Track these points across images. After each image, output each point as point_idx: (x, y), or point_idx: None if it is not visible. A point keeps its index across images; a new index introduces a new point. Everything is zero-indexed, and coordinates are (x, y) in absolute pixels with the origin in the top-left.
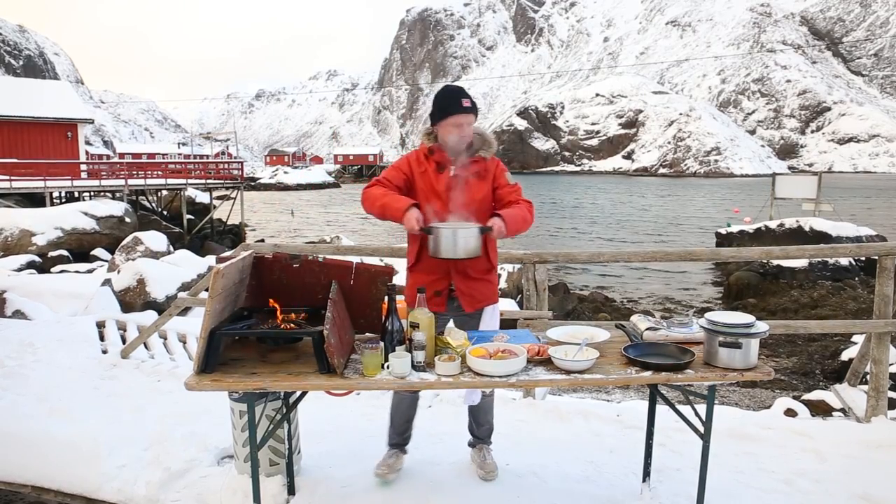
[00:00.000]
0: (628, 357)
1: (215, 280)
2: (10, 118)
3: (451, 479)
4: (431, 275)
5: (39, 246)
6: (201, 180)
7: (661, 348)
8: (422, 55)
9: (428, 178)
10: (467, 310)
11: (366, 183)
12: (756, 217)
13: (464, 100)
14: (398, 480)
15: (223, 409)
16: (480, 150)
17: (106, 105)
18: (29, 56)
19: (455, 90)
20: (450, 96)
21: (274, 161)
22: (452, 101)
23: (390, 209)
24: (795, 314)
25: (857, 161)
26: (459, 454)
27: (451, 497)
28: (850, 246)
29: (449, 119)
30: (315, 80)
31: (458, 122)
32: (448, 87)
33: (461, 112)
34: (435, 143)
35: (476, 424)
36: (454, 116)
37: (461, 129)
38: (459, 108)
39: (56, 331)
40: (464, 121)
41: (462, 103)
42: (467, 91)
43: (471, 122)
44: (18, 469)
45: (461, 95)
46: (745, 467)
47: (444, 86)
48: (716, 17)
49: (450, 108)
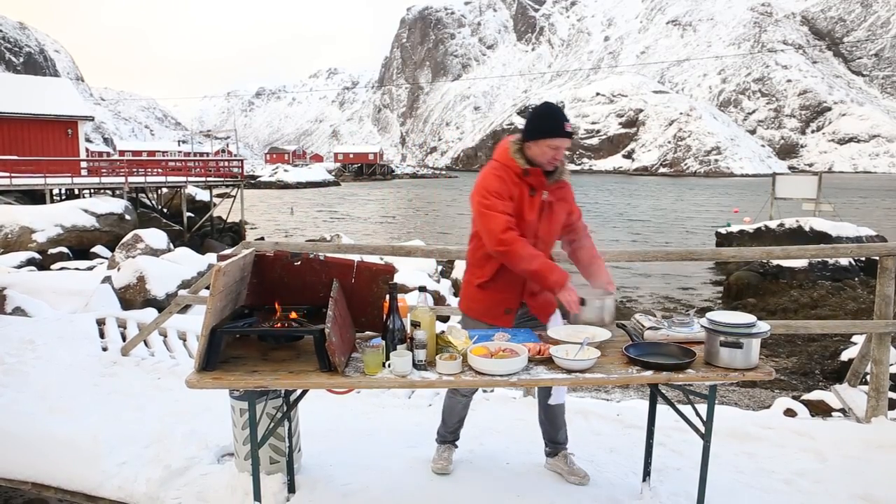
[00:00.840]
0: (629, 357)
1: (217, 278)
2: (11, 115)
3: (449, 477)
4: (505, 293)
5: (39, 243)
6: (201, 178)
7: (663, 348)
8: (422, 54)
9: (521, 200)
10: (544, 321)
11: (366, 181)
12: (756, 217)
13: (566, 124)
14: (398, 478)
15: (223, 407)
16: (564, 174)
17: (106, 102)
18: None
19: (559, 111)
20: (553, 117)
21: (274, 159)
22: (556, 124)
23: (546, 280)
24: (795, 314)
25: (858, 161)
26: (459, 453)
27: (451, 495)
28: (852, 246)
29: (548, 140)
30: (315, 79)
31: (556, 146)
32: (551, 105)
33: (562, 136)
34: (528, 163)
35: (554, 430)
36: (554, 139)
37: (556, 153)
38: (563, 133)
39: (56, 328)
40: (561, 145)
41: (566, 127)
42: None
43: (566, 148)
44: (18, 466)
45: (564, 119)
46: (745, 467)
47: (545, 102)
48: (716, 17)
49: (552, 130)
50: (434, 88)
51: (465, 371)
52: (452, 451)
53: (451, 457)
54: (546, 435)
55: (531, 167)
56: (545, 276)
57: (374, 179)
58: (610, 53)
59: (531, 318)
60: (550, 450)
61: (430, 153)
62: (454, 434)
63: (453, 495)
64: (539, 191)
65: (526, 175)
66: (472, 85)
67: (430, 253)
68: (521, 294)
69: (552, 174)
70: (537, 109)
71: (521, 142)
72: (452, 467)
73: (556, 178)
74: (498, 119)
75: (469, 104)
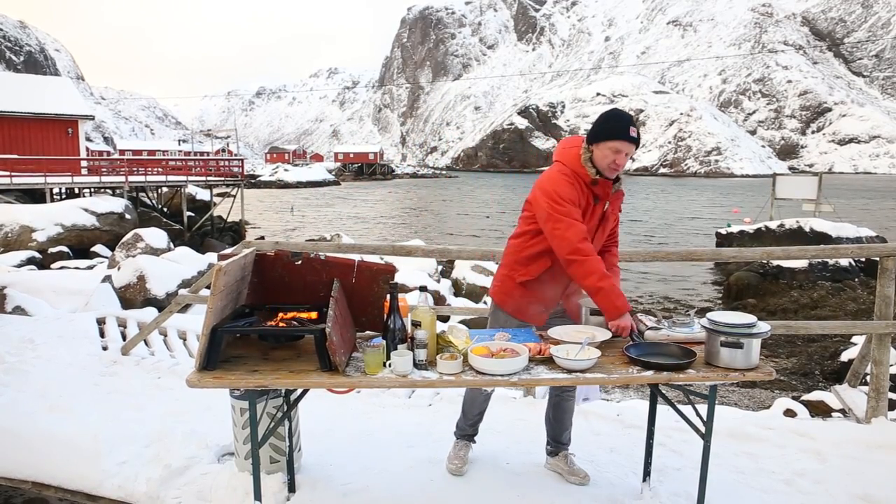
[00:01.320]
0: (630, 357)
1: (217, 277)
2: (11, 114)
3: (449, 477)
4: (547, 294)
5: (39, 242)
6: (202, 177)
7: (663, 348)
8: (423, 53)
9: (584, 206)
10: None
11: (366, 181)
12: (756, 217)
13: (632, 128)
14: (398, 478)
15: (224, 406)
16: (622, 184)
17: (106, 102)
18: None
19: (626, 115)
20: (619, 120)
21: (274, 159)
22: (622, 126)
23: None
24: (795, 315)
25: (858, 162)
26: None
27: (451, 495)
28: (852, 247)
29: (611, 143)
30: (316, 78)
31: (618, 149)
32: (619, 110)
33: (627, 140)
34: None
35: (560, 430)
36: (618, 142)
37: (619, 157)
38: (626, 136)
39: (56, 327)
40: (625, 149)
41: (630, 131)
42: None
43: (630, 153)
44: (19, 466)
45: (631, 123)
46: (745, 467)
47: (613, 108)
48: (717, 17)
49: (617, 133)
50: (434, 88)
51: (466, 371)
52: (469, 448)
53: (466, 456)
54: (550, 433)
55: (600, 177)
56: (611, 299)
57: (374, 179)
58: (610, 53)
59: (562, 316)
60: (552, 449)
61: (431, 153)
62: (473, 428)
63: (453, 495)
64: (603, 201)
65: (594, 185)
66: (472, 85)
67: (430, 253)
68: (561, 296)
69: (616, 183)
70: (604, 113)
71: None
72: (467, 468)
73: (618, 187)
74: (498, 119)
75: (469, 104)
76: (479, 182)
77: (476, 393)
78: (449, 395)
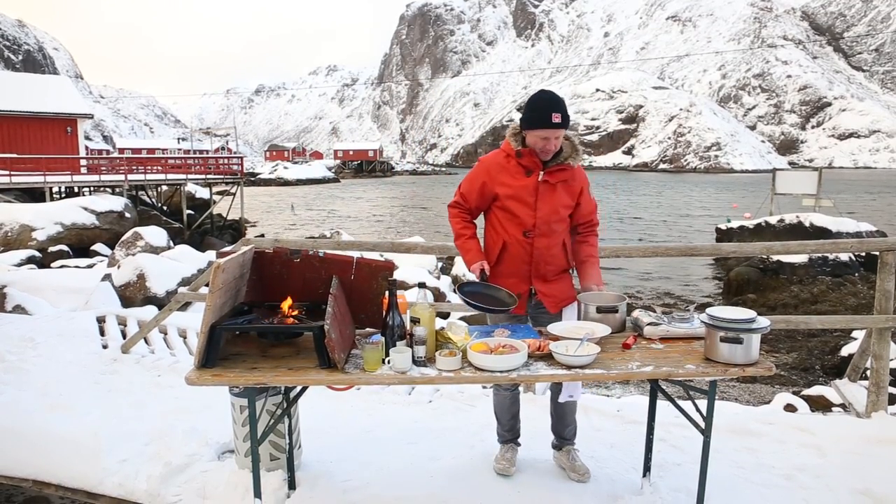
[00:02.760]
0: (462, 297)
1: (216, 275)
2: (10, 113)
3: (450, 474)
4: (511, 278)
5: (39, 241)
6: (201, 175)
7: (493, 291)
8: (422, 50)
9: (513, 181)
10: (552, 311)
11: (366, 178)
12: (756, 213)
13: (554, 115)
14: (398, 474)
15: (224, 404)
16: (569, 158)
17: (105, 100)
18: (28, 51)
19: (548, 102)
20: (541, 109)
21: (274, 156)
22: (543, 115)
23: (464, 257)
24: (795, 310)
25: (858, 156)
26: (459, 449)
27: (451, 491)
28: (852, 241)
29: (537, 132)
30: (315, 76)
31: (545, 136)
32: (544, 95)
33: (550, 127)
34: (523, 145)
35: (562, 425)
36: (542, 130)
37: (547, 143)
38: (549, 123)
39: (56, 326)
40: (551, 135)
41: (552, 118)
42: (560, 102)
43: (558, 137)
44: (19, 464)
45: (553, 109)
46: (745, 462)
47: (540, 91)
48: (716, 12)
49: (539, 122)
50: (434, 85)
51: (465, 367)
52: (515, 450)
53: (513, 457)
54: (553, 428)
55: (524, 149)
56: (462, 253)
57: (373, 176)
58: (609, 49)
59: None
60: (556, 443)
61: (430, 150)
62: (511, 432)
63: (453, 491)
64: (535, 172)
65: (520, 156)
66: (471, 81)
67: (429, 249)
68: (529, 279)
69: (556, 156)
70: (531, 99)
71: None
72: (516, 468)
73: (558, 160)
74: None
75: (469, 101)
76: None
77: (500, 397)
78: (449, 392)
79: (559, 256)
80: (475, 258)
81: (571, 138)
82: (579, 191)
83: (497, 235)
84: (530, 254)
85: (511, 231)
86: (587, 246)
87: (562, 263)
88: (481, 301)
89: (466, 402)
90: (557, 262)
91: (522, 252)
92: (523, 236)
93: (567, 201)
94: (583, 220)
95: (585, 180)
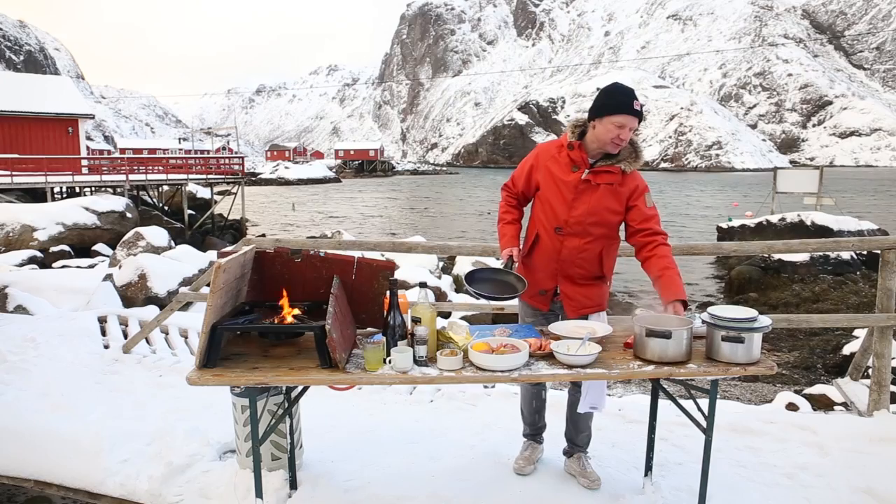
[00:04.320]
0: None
1: (217, 275)
2: (11, 113)
3: (451, 473)
4: (538, 273)
5: (41, 241)
6: (202, 175)
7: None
8: (422, 50)
9: (557, 172)
10: (570, 315)
11: (367, 178)
12: (758, 211)
13: (635, 101)
14: (400, 474)
15: (225, 403)
16: (623, 162)
17: (107, 100)
18: (29, 51)
19: (627, 89)
20: (621, 94)
21: (275, 156)
22: (623, 101)
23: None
24: (797, 308)
25: (859, 155)
26: (461, 449)
27: (452, 491)
28: (854, 240)
29: (613, 117)
30: (316, 75)
31: (622, 123)
32: (619, 84)
33: (629, 113)
34: (579, 139)
35: (576, 431)
36: (622, 116)
37: (623, 132)
38: (630, 110)
39: (58, 326)
40: (629, 123)
41: (633, 105)
42: (635, 93)
43: (633, 128)
44: (21, 464)
45: (632, 97)
46: (747, 461)
47: (614, 82)
48: (717, 11)
49: (619, 107)
50: (434, 84)
51: (467, 367)
52: (535, 450)
53: (532, 456)
54: (566, 434)
55: (578, 142)
56: (498, 237)
57: (374, 176)
58: (610, 48)
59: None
60: (568, 449)
61: (431, 149)
62: (533, 427)
63: (454, 491)
64: (581, 168)
65: (570, 148)
66: (472, 81)
67: (431, 249)
68: (555, 276)
69: (610, 156)
70: (604, 89)
71: (587, 121)
72: (534, 468)
73: (610, 161)
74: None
75: (469, 100)
76: (480, 178)
77: (524, 390)
78: (450, 392)
79: (591, 261)
80: (507, 244)
81: (637, 144)
82: (629, 196)
83: (533, 226)
84: (559, 251)
85: (545, 224)
86: (657, 258)
87: (594, 269)
88: (491, 287)
89: (468, 402)
90: (588, 266)
91: (552, 248)
92: (555, 232)
93: (612, 205)
94: (639, 228)
95: (642, 187)
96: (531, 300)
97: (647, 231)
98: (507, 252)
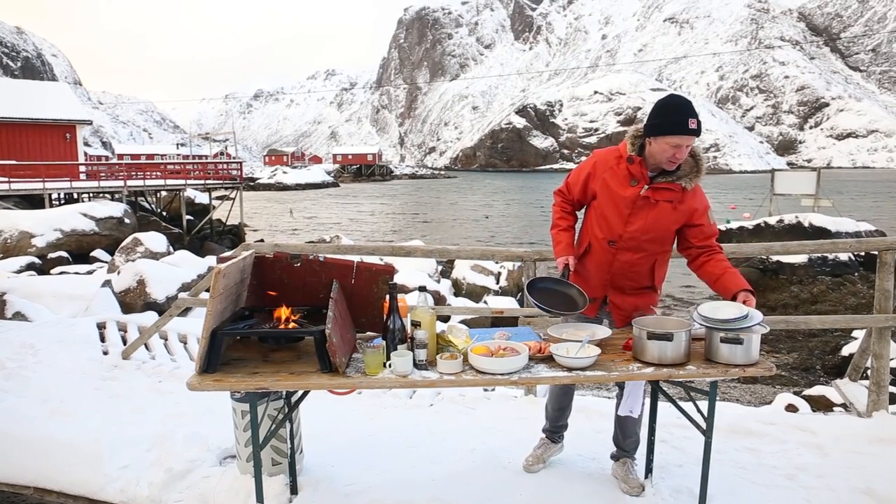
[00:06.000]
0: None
1: (216, 280)
2: (9, 120)
3: (451, 477)
4: (588, 282)
5: (39, 247)
6: (200, 181)
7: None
8: (420, 54)
9: (615, 185)
10: (618, 325)
11: (365, 182)
12: (755, 213)
13: (691, 120)
14: (398, 479)
15: (225, 409)
16: (685, 178)
17: (104, 106)
18: (27, 57)
19: (683, 104)
20: (676, 111)
21: (273, 161)
22: (677, 120)
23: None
24: (795, 310)
25: (856, 156)
26: (461, 453)
27: (452, 494)
28: (851, 241)
29: (668, 138)
30: (313, 80)
31: (677, 143)
32: (675, 98)
33: (685, 133)
34: (640, 152)
35: (623, 436)
36: (675, 137)
37: (678, 151)
38: (685, 129)
39: (57, 332)
40: (684, 143)
41: (689, 124)
42: (693, 106)
43: (690, 146)
44: (20, 471)
45: (689, 114)
46: (746, 463)
47: (670, 95)
48: (713, 14)
49: (673, 127)
50: (432, 89)
51: (466, 370)
52: (549, 448)
53: (544, 455)
54: (614, 438)
55: (638, 157)
56: (553, 244)
57: (373, 180)
58: (607, 52)
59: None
60: (615, 454)
61: (429, 153)
62: (553, 425)
63: (454, 495)
64: (641, 183)
65: (630, 162)
66: (470, 85)
67: (429, 253)
68: (605, 286)
69: (669, 172)
70: (659, 103)
71: (644, 136)
72: (542, 467)
73: (671, 178)
74: (496, 118)
75: (467, 104)
76: (478, 182)
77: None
78: (450, 395)
79: (643, 274)
80: (563, 252)
81: (698, 156)
82: (691, 213)
83: (586, 234)
84: (611, 264)
85: (599, 235)
86: (716, 261)
87: (644, 281)
88: (551, 298)
89: (468, 406)
90: (640, 279)
91: (604, 260)
92: (608, 245)
93: (670, 223)
94: (700, 245)
95: (703, 203)
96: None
97: (708, 247)
98: (562, 260)
